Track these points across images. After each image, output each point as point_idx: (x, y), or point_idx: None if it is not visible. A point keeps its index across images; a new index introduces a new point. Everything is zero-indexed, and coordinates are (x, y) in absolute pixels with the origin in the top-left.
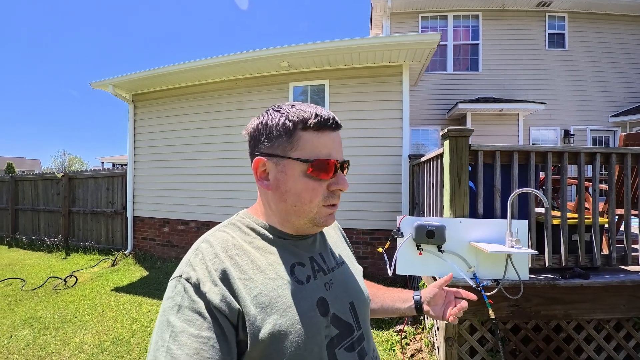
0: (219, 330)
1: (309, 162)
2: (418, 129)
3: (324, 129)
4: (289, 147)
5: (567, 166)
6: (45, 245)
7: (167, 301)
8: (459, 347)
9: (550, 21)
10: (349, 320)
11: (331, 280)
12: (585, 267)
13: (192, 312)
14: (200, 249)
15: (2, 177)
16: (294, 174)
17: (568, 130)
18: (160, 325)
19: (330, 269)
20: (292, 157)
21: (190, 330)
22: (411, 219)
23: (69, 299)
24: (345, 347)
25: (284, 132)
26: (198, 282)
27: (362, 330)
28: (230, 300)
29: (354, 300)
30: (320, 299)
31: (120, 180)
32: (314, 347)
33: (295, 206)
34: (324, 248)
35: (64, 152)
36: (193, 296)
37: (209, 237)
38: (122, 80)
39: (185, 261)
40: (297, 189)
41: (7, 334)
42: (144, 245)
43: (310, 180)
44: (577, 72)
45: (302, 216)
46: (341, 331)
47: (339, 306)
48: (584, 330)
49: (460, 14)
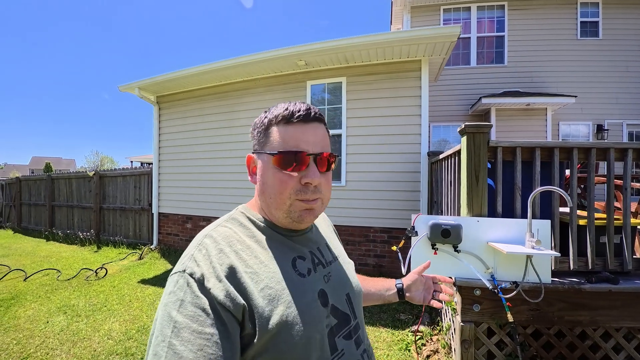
0: (222, 327)
1: (273, 154)
2: (440, 125)
3: (292, 121)
4: (264, 141)
5: (594, 163)
6: (78, 239)
7: (168, 296)
8: (475, 350)
9: (582, 8)
10: (346, 310)
11: (329, 273)
12: (615, 272)
13: (195, 308)
14: (203, 244)
15: (40, 176)
16: (267, 166)
17: (601, 125)
18: (162, 320)
19: (328, 262)
20: (264, 152)
21: (193, 326)
22: (426, 218)
23: (99, 289)
24: (344, 336)
25: (263, 129)
26: (202, 277)
27: (357, 319)
28: (235, 296)
29: (350, 291)
30: (320, 291)
31: (147, 178)
32: (316, 335)
33: (271, 198)
34: (321, 242)
35: (97, 152)
36: (196, 292)
37: (212, 232)
38: (147, 83)
39: (188, 256)
40: (269, 182)
41: (44, 319)
42: (168, 240)
43: (278, 172)
44: (612, 62)
45: (278, 209)
46: (339, 321)
47: (337, 297)
48: (612, 338)
49: (484, 4)
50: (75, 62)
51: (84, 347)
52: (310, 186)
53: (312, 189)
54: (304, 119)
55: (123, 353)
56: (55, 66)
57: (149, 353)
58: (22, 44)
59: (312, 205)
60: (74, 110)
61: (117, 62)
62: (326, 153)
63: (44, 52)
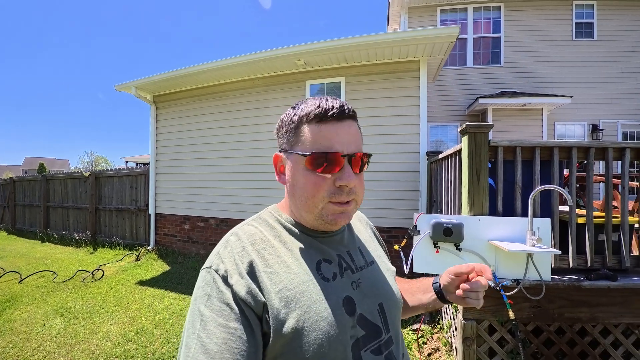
0: (245, 321)
1: (305, 155)
2: (437, 125)
3: (325, 120)
4: (295, 141)
5: (593, 162)
6: (74, 241)
7: (197, 290)
8: (477, 347)
9: (577, 10)
10: (377, 322)
11: (359, 280)
12: (613, 269)
13: (220, 303)
14: (229, 242)
15: (35, 177)
16: (298, 167)
17: (596, 125)
18: (192, 314)
19: (359, 267)
20: (295, 152)
21: (218, 320)
22: (428, 217)
23: (96, 291)
24: (372, 350)
25: (292, 127)
26: (226, 273)
27: (391, 333)
28: (256, 293)
29: (384, 301)
30: (346, 298)
31: (143, 178)
32: (338, 347)
33: (301, 201)
34: (352, 246)
35: (91, 152)
36: (221, 287)
37: (238, 231)
38: (144, 82)
39: (215, 253)
40: (301, 183)
41: (41, 322)
42: (165, 241)
43: (311, 174)
44: (607, 63)
45: (309, 211)
46: (368, 332)
47: (367, 307)
48: (611, 334)
49: (481, 5)
50: (69, 61)
51: (82, 349)
52: (346, 188)
53: (347, 191)
54: (337, 117)
55: (122, 355)
56: (47, 66)
57: (182, 344)
58: (14, 43)
59: (346, 207)
60: (67, 110)
61: (111, 62)
62: (360, 153)
63: (36, 52)
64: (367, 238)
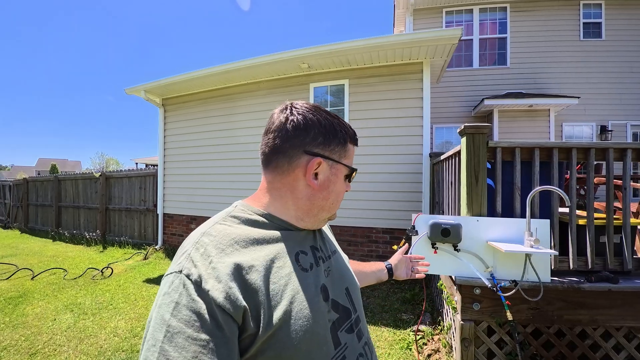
0: (219, 332)
1: (355, 170)
2: (443, 127)
3: (355, 144)
4: (342, 154)
5: (593, 163)
6: (84, 239)
7: (162, 297)
8: (475, 348)
9: (585, 10)
10: (346, 304)
11: (329, 268)
12: (615, 271)
13: (190, 312)
14: (201, 243)
15: (47, 177)
16: (341, 177)
17: (605, 126)
18: (154, 323)
19: (327, 256)
20: (343, 164)
21: (188, 331)
22: (426, 217)
23: (105, 288)
24: (346, 330)
25: (342, 140)
26: (200, 279)
27: (358, 313)
28: (235, 298)
29: (349, 285)
30: (322, 286)
31: (152, 179)
32: (319, 330)
33: (333, 204)
34: (320, 238)
35: (102, 154)
36: (193, 294)
37: (210, 230)
38: (153, 86)
39: (185, 256)
40: (339, 190)
41: (52, 317)
42: (172, 241)
43: (345, 184)
44: (615, 62)
45: (330, 212)
46: (341, 315)
47: (338, 291)
48: (612, 337)
49: (486, 6)
50: (80, 64)
51: (91, 344)
52: None
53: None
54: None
55: (129, 350)
56: (59, 69)
57: (140, 358)
58: (26, 47)
59: None
60: (79, 112)
61: (120, 64)
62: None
63: (48, 55)
64: (327, 230)
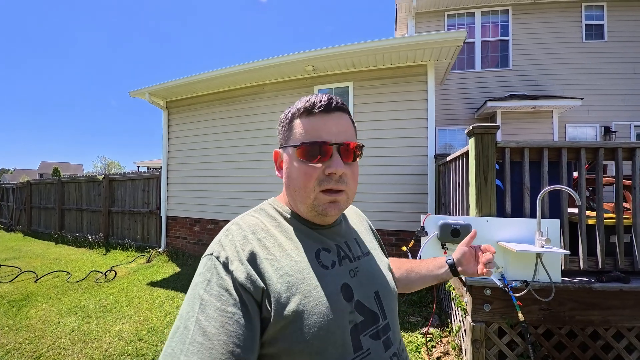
0: (243, 307)
1: (296, 146)
2: (445, 129)
3: (313, 112)
4: (288, 135)
5: (602, 163)
6: (87, 242)
7: (198, 276)
8: (487, 350)
9: (587, 12)
10: (374, 308)
11: (356, 268)
12: (626, 271)
13: (219, 288)
14: (230, 231)
15: (51, 180)
16: (291, 159)
17: (609, 127)
18: (192, 298)
19: (356, 257)
20: (288, 145)
21: (217, 304)
22: (435, 218)
23: (108, 291)
24: (371, 335)
25: (286, 123)
26: (227, 260)
27: (388, 320)
28: (255, 279)
29: (379, 289)
30: (344, 285)
31: (155, 182)
32: (336, 330)
33: (296, 192)
34: (349, 237)
35: (104, 157)
36: (221, 273)
37: (239, 220)
38: (157, 89)
39: (217, 241)
40: (294, 174)
41: (56, 320)
42: (176, 244)
43: (302, 165)
44: (618, 64)
45: (303, 202)
46: (366, 318)
47: (364, 294)
48: (624, 338)
49: (488, 9)
50: (82, 68)
51: (95, 347)
52: (334, 176)
53: (335, 178)
54: (325, 109)
55: (134, 354)
56: (62, 72)
57: (180, 325)
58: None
59: (336, 197)
60: (81, 116)
61: (123, 69)
62: (351, 142)
63: (52, 59)
64: (363, 231)
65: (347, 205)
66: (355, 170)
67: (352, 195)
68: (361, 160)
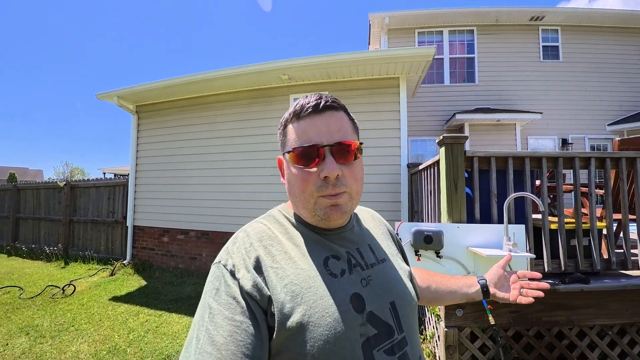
0: (251, 315)
1: (289, 152)
2: (417, 139)
3: (302, 115)
4: (284, 141)
5: (562, 171)
6: (44, 254)
7: (207, 285)
8: (459, 355)
9: (543, 34)
10: (388, 320)
11: (369, 277)
12: (586, 272)
13: (227, 296)
14: (237, 238)
15: (5, 186)
16: (288, 166)
17: (566, 139)
18: (202, 307)
19: (369, 265)
20: (285, 151)
21: (225, 312)
22: (409, 225)
23: (66, 307)
24: (385, 350)
25: (282, 129)
26: (234, 268)
27: (405, 333)
28: (262, 287)
29: (396, 300)
30: (355, 295)
31: (122, 189)
32: (345, 344)
33: (297, 198)
34: (362, 243)
35: (66, 163)
36: (229, 281)
37: (247, 228)
38: (127, 92)
39: (225, 249)
40: (292, 181)
41: (3, 342)
42: (143, 255)
43: (298, 171)
44: (572, 82)
45: (305, 208)
46: (379, 332)
47: (377, 305)
48: (587, 336)
49: (455, 28)
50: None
51: None
52: (330, 180)
53: (332, 182)
54: (313, 111)
55: None
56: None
57: (192, 336)
58: None
59: (337, 200)
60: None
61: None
62: (345, 141)
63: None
64: (380, 235)
65: (352, 206)
66: (355, 169)
67: (355, 195)
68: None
